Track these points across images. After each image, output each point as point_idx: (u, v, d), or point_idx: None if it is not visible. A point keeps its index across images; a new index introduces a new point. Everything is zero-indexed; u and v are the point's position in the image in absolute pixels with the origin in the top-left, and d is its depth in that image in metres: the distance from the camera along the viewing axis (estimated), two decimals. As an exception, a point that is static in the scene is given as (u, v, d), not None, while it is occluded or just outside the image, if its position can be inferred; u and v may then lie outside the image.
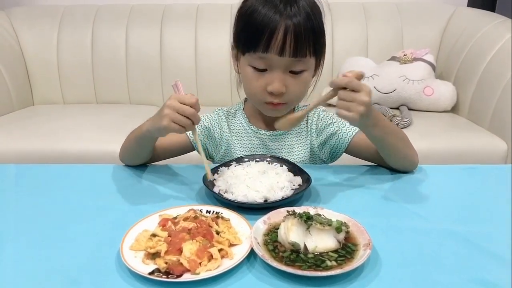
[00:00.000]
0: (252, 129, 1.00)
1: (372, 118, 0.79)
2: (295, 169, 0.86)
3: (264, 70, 0.87)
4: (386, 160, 0.91)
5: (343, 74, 0.76)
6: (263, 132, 0.99)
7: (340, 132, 0.96)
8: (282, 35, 0.82)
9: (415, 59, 2.05)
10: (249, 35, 0.86)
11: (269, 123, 0.99)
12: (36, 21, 2.27)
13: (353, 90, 0.74)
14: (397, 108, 2.04)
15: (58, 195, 0.83)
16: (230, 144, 1.00)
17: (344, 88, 0.75)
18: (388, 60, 2.13)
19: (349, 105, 0.74)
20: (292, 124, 0.83)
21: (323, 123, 0.99)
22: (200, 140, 0.99)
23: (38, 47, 2.24)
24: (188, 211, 0.71)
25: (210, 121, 1.01)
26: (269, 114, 0.95)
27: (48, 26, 2.25)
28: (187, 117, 0.77)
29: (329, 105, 0.92)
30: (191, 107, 0.77)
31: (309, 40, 0.84)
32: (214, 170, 0.85)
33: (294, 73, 0.87)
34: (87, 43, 2.24)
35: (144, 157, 0.95)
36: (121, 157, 0.97)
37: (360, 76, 0.76)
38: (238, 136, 1.00)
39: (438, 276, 0.59)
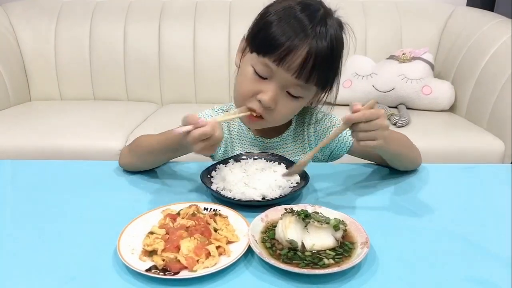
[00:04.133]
0: (250, 136, 0.98)
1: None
2: (293, 167, 0.85)
3: (263, 78, 0.83)
4: (392, 166, 0.90)
5: (353, 107, 0.72)
6: (261, 139, 0.97)
7: (341, 136, 0.94)
8: (303, 55, 0.78)
9: (414, 58, 2.06)
10: (267, 40, 0.81)
11: (267, 130, 0.96)
12: (33, 16, 2.26)
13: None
14: (396, 107, 2.04)
15: (56, 191, 0.83)
16: (228, 146, 0.99)
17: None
18: (387, 58, 2.13)
19: (375, 134, 0.72)
20: (303, 166, 0.79)
21: (321, 127, 0.97)
22: None
23: (36, 43, 2.24)
24: (190, 206, 0.71)
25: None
26: (244, 122, 0.93)
27: (46, 21, 2.24)
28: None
29: (328, 103, 0.92)
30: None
31: (322, 68, 0.81)
32: (212, 168, 0.85)
33: (290, 94, 0.84)
34: (85, 38, 2.23)
35: (158, 162, 0.92)
36: (126, 162, 0.92)
37: (373, 107, 0.73)
38: (237, 139, 0.99)
39: (435, 275, 0.59)
